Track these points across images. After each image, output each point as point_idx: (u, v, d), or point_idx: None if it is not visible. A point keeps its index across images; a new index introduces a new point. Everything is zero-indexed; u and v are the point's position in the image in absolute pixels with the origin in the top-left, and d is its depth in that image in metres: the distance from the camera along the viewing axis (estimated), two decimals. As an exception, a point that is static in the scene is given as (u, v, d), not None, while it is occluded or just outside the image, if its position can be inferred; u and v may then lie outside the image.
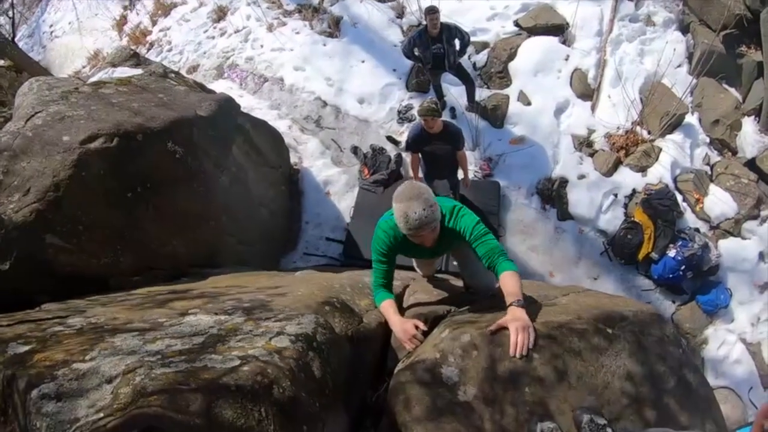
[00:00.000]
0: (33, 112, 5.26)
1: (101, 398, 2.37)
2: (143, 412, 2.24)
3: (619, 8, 9.80)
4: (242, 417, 2.29)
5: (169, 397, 2.27)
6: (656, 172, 8.29)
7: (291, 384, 2.54)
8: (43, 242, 4.45)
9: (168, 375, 2.45)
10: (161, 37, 12.51)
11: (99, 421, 2.22)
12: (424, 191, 3.30)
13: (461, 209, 3.68)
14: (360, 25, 10.66)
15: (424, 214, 3.22)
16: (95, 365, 2.58)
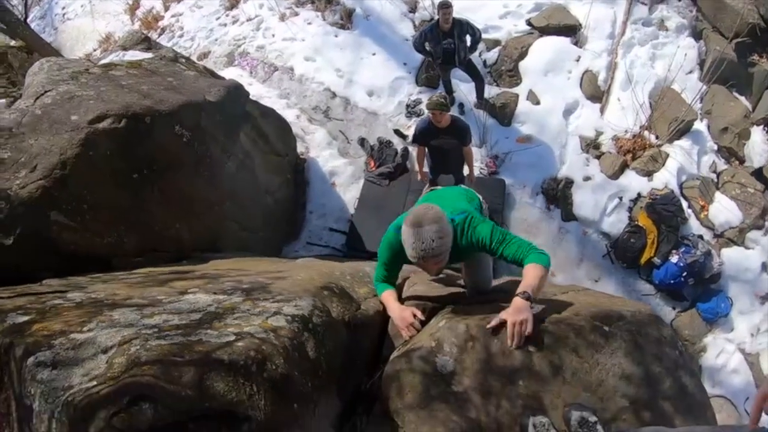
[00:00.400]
0: (42, 91, 5.29)
1: (96, 367, 2.39)
2: (136, 380, 2.26)
3: (633, 11, 9.78)
4: (233, 390, 2.30)
5: (163, 367, 2.29)
6: (662, 177, 8.29)
7: (284, 362, 2.56)
8: (48, 219, 4.47)
9: (163, 347, 2.47)
10: (173, 22, 12.51)
11: (92, 389, 2.24)
12: (438, 218, 3.07)
13: (472, 219, 3.44)
14: (372, 18, 10.66)
15: (432, 245, 3.02)
16: (92, 336, 2.61)
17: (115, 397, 2.18)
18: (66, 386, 2.31)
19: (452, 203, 3.68)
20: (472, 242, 3.37)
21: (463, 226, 3.39)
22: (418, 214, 3.08)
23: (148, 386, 2.21)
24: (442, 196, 4.08)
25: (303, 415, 2.51)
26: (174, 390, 2.20)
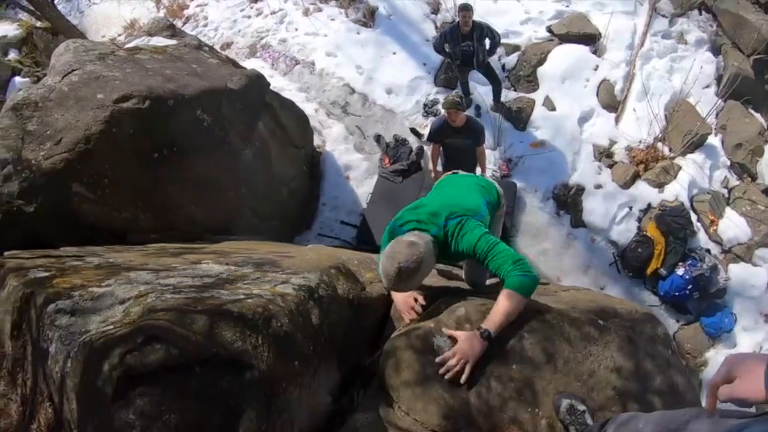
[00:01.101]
0: (70, 69, 5.44)
1: (113, 315, 2.53)
2: (150, 323, 2.38)
3: (653, 24, 9.82)
4: (240, 340, 2.42)
5: (176, 314, 2.42)
6: (673, 189, 8.31)
7: (289, 322, 2.66)
8: (69, 191, 4.61)
9: (177, 299, 2.60)
10: (198, 12, 12.64)
11: (108, 331, 2.37)
12: (409, 260, 2.95)
13: (462, 226, 3.34)
14: (395, 18, 10.75)
15: (394, 281, 2.97)
16: (110, 290, 2.74)
17: (129, 337, 2.31)
18: (83, 330, 2.44)
19: (458, 199, 3.65)
20: (459, 250, 3.34)
21: (453, 232, 3.34)
22: (393, 252, 3.00)
23: (162, 329, 2.34)
24: (457, 185, 4.10)
25: (303, 374, 2.60)
26: (185, 334, 2.32)
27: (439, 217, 3.38)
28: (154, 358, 2.23)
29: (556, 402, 2.80)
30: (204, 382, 2.19)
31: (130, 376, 2.17)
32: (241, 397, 2.21)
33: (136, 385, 2.15)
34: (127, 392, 2.14)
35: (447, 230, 3.34)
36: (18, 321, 2.85)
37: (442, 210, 3.43)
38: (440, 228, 3.34)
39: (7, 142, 4.58)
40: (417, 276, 3.03)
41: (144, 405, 2.10)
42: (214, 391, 2.19)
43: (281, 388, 2.40)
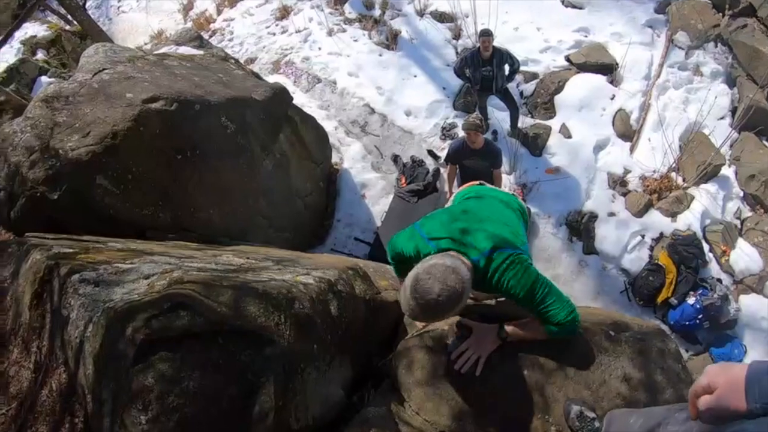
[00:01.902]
0: (101, 68, 5.60)
1: (137, 288, 2.59)
2: (178, 292, 2.45)
3: (670, 55, 9.90)
4: (263, 316, 2.47)
5: (203, 286, 2.48)
6: (686, 219, 8.31)
7: (310, 307, 2.70)
8: (94, 182, 4.73)
9: (203, 275, 2.67)
10: (224, 26, 12.83)
11: (133, 299, 2.45)
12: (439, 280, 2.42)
13: (513, 262, 2.78)
14: (417, 42, 10.89)
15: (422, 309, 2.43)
16: (135, 266, 2.82)
17: (156, 303, 2.38)
18: (107, 299, 2.51)
19: (502, 225, 3.08)
20: (501, 287, 2.81)
21: (500, 266, 2.78)
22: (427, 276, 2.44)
23: (188, 297, 2.41)
24: (492, 205, 3.47)
25: (320, 359, 2.64)
26: (211, 305, 2.38)
27: (479, 240, 2.84)
28: (179, 324, 2.29)
29: (566, 408, 2.80)
30: (225, 353, 2.24)
31: (153, 341, 2.23)
32: (260, 371, 2.25)
33: (158, 349, 2.20)
34: (148, 356, 2.19)
35: (492, 261, 2.80)
36: (39, 291, 2.92)
37: (484, 233, 2.90)
38: (483, 256, 2.80)
39: (36, 131, 4.73)
40: (451, 310, 2.49)
41: (164, 369, 2.16)
42: (235, 363, 2.24)
43: (299, 367, 2.44)
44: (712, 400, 1.43)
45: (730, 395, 1.39)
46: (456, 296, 2.41)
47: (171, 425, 2.08)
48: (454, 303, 2.43)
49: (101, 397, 2.29)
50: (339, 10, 12.00)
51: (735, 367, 1.43)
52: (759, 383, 1.36)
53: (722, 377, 1.42)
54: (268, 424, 2.16)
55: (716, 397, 1.42)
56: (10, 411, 2.73)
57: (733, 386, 1.39)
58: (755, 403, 1.34)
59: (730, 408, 1.38)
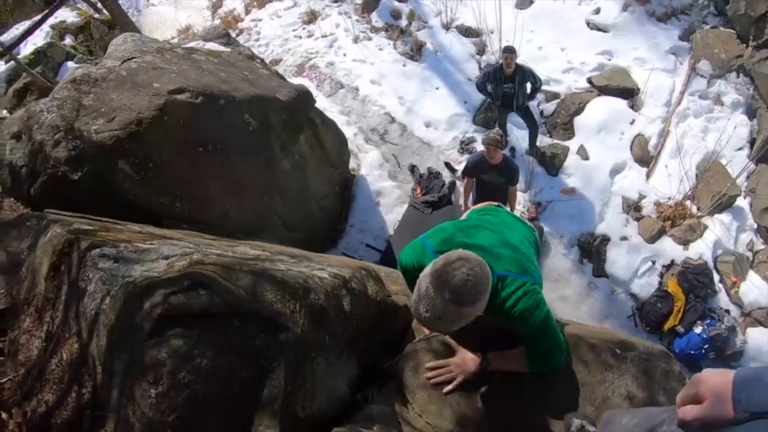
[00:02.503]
0: (129, 56, 5.69)
1: (157, 267, 2.63)
2: (198, 271, 2.49)
3: (691, 83, 9.91)
4: (280, 302, 2.49)
5: (223, 269, 2.51)
6: (698, 247, 8.30)
7: (325, 299, 2.71)
8: (115, 167, 4.82)
9: (223, 258, 2.71)
10: (252, 26, 12.94)
11: (154, 276, 2.49)
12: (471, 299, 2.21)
13: (528, 292, 2.60)
14: (441, 54, 10.96)
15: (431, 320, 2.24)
16: (155, 247, 2.85)
17: (176, 281, 2.42)
18: (126, 275, 2.55)
19: (521, 253, 2.89)
20: (506, 312, 2.62)
21: (515, 292, 2.60)
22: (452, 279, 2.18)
23: (208, 278, 2.44)
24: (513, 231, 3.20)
25: (330, 351, 2.65)
26: (229, 287, 2.41)
27: (493, 261, 2.61)
28: (197, 302, 2.32)
29: (568, 422, 2.78)
30: (240, 335, 2.27)
31: (171, 316, 2.27)
32: (272, 356, 2.27)
33: (174, 325, 2.24)
34: (164, 331, 2.23)
35: (506, 282, 2.61)
36: (57, 263, 2.96)
37: (499, 254, 2.73)
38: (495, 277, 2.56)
39: (62, 112, 4.82)
40: (472, 305, 2.24)
41: (179, 346, 2.19)
42: (248, 346, 2.27)
43: (310, 356, 2.45)
44: (699, 411, 1.41)
45: (718, 404, 1.38)
46: (483, 286, 2.23)
47: (180, 401, 2.10)
48: (479, 295, 2.23)
49: (112, 369, 2.32)
50: (366, 18, 12.09)
51: (721, 375, 1.42)
52: (746, 391, 1.36)
53: (709, 386, 1.41)
54: (276, 409, 2.18)
55: (703, 406, 1.40)
56: (17, 377, 2.77)
57: (720, 395, 1.37)
58: (743, 412, 1.34)
59: (718, 417, 1.37)
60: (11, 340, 3.02)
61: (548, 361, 2.79)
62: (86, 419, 2.43)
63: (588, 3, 11.31)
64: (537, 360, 2.77)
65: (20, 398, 2.67)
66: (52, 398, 2.56)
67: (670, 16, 10.89)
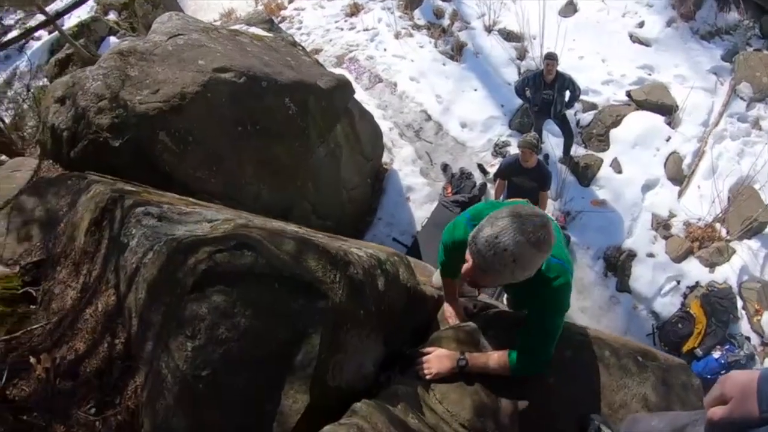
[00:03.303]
0: (176, 33, 5.78)
1: (200, 229, 2.67)
2: (244, 233, 2.52)
3: (731, 105, 9.84)
4: (321, 270, 2.51)
5: (268, 234, 2.54)
6: (724, 271, 8.23)
7: (363, 274, 2.73)
8: (156, 137, 4.88)
9: (267, 225, 2.74)
10: (294, 15, 13.03)
11: (199, 234, 2.52)
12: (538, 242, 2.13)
13: (560, 281, 2.52)
14: (481, 56, 10.96)
15: (486, 256, 2.16)
16: (198, 210, 2.91)
17: (222, 240, 2.46)
18: (169, 233, 2.59)
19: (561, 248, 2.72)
20: (532, 289, 2.55)
21: (549, 272, 2.53)
22: (518, 217, 2.14)
23: (255, 239, 2.47)
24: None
25: (363, 326, 2.68)
26: (274, 251, 2.44)
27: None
28: (242, 262, 2.35)
29: (586, 421, 2.79)
30: (280, 298, 2.29)
31: (215, 273, 2.30)
32: (309, 322, 2.29)
33: (216, 282, 2.27)
34: (205, 287, 2.26)
35: (550, 267, 2.53)
36: (99, 219, 3.04)
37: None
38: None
39: (107, 81, 4.89)
40: (544, 254, 2.22)
41: (219, 302, 2.22)
42: (287, 309, 2.29)
43: (345, 327, 2.47)
44: (726, 411, 1.41)
45: (743, 403, 1.38)
46: (548, 225, 2.15)
47: (215, 356, 2.13)
48: (548, 243, 2.17)
49: (149, 321, 2.36)
50: (409, 14, 12.11)
51: (747, 375, 1.42)
52: None
53: (735, 386, 1.41)
54: (308, 373, 2.19)
55: (730, 406, 1.41)
56: (48, 325, 2.82)
57: (745, 395, 1.38)
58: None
59: (744, 416, 1.38)
60: (45, 289, 3.08)
61: (532, 362, 2.76)
62: (116, 369, 2.48)
63: (632, 16, 11.30)
64: (522, 358, 2.75)
65: (50, 345, 2.72)
66: (83, 347, 2.61)
67: (714, 35, 10.84)
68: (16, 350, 2.77)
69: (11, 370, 2.67)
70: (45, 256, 3.32)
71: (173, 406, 2.12)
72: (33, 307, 3.02)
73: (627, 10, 11.35)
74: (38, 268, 3.25)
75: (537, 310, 2.66)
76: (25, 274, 3.20)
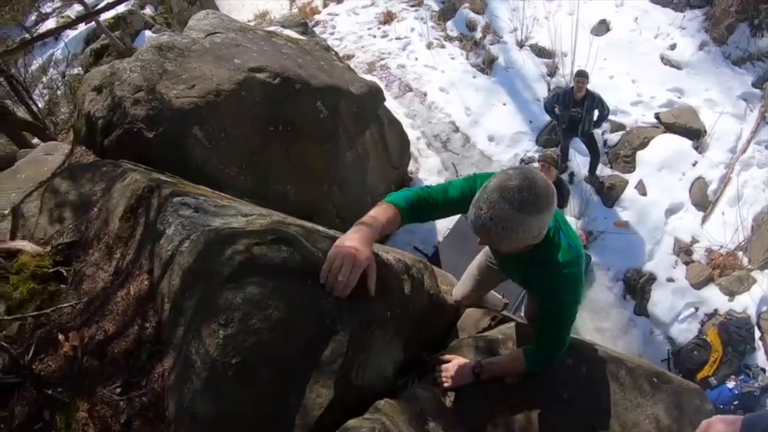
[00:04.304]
0: (214, 30, 5.89)
1: (235, 222, 2.72)
2: (282, 228, 2.56)
3: (759, 132, 9.81)
4: None
5: (305, 231, 2.57)
6: (743, 301, 8.18)
7: (391, 278, 2.77)
8: (189, 131, 4.95)
9: (302, 222, 2.78)
10: (328, 19, 13.17)
11: (236, 228, 2.58)
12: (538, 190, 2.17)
13: (572, 257, 2.53)
14: (512, 71, 11.02)
15: (483, 220, 2.24)
16: (233, 204, 2.96)
17: (260, 234, 2.50)
18: (205, 224, 2.65)
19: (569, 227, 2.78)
20: (541, 265, 2.60)
21: (558, 246, 2.55)
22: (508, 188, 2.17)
23: (291, 235, 2.52)
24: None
25: (387, 328, 2.70)
26: (309, 248, 2.47)
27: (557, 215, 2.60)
28: (278, 256, 2.39)
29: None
30: (312, 294, 2.31)
31: (251, 264, 2.34)
32: (338, 319, 2.31)
33: (252, 274, 2.31)
34: (241, 278, 2.30)
35: (562, 243, 2.57)
36: (135, 205, 3.10)
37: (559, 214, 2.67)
38: (557, 230, 2.60)
39: (145, 73, 4.96)
40: (539, 216, 2.22)
41: (254, 293, 2.25)
42: (318, 305, 2.31)
43: (372, 328, 2.50)
44: None
45: None
46: (544, 197, 2.19)
47: (246, 345, 2.16)
48: (547, 210, 2.22)
49: (182, 307, 2.41)
50: (441, 25, 12.22)
51: (730, 423, 1.44)
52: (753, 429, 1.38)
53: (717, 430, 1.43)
54: (335, 369, 2.21)
55: None
56: (78, 305, 2.87)
57: None
58: None
59: None
60: (76, 270, 3.13)
61: (547, 355, 2.81)
62: (144, 351, 2.52)
63: (664, 38, 11.31)
64: (539, 353, 2.80)
65: (79, 324, 2.76)
66: (113, 328, 2.65)
67: (746, 60, 10.80)
68: (45, 326, 2.83)
69: (39, 345, 2.73)
70: (77, 238, 3.37)
71: (200, 391, 2.15)
72: (63, 287, 3.06)
73: (660, 31, 11.37)
74: (70, 249, 3.30)
75: (550, 299, 2.67)
76: (57, 254, 3.26)
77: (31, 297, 2.96)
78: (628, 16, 11.77)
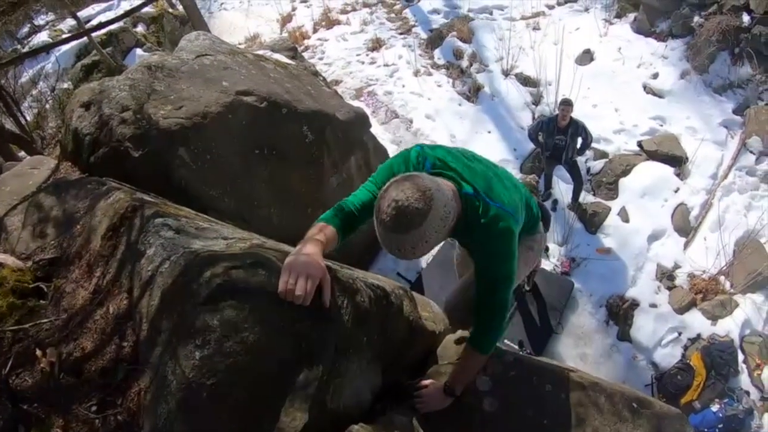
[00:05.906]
0: (204, 52, 5.99)
1: (215, 245, 2.76)
2: (260, 252, 2.63)
3: (740, 158, 9.89)
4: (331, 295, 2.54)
5: (282, 255, 2.60)
6: (726, 325, 8.21)
7: (369, 304, 2.81)
8: (175, 152, 5.03)
9: (280, 246, 2.83)
10: (317, 44, 13.32)
11: (217, 250, 2.62)
12: (409, 187, 2.25)
13: (503, 223, 2.61)
14: (497, 99, 11.12)
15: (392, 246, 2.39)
16: (215, 227, 3.01)
17: (238, 257, 2.55)
18: (186, 246, 2.70)
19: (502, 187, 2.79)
20: (477, 240, 2.69)
21: (487, 217, 2.60)
22: (400, 184, 2.28)
23: (269, 260, 2.57)
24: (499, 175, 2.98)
25: (364, 353, 2.76)
26: None
27: (479, 181, 2.66)
28: (256, 279, 2.43)
29: None
30: (288, 318, 2.36)
31: (229, 288, 2.38)
32: (314, 344, 2.36)
33: (229, 297, 2.34)
34: (218, 301, 2.33)
35: (484, 206, 2.61)
36: (117, 224, 3.15)
37: (484, 181, 2.69)
38: (477, 197, 2.62)
39: (134, 92, 5.06)
40: (421, 227, 2.25)
41: (231, 316, 2.29)
42: (293, 329, 2.36)
43: (348, 352, 2.55)
44: None
45: None
46: (424, 205, 2.22)
47: (222, 367, 2.19)
48: (427, 216, 2.24)
49: (160, 327, 2.45)
50: (429, 53, 12.36)
51: None
52: None
53: None
54: (309, 393, 2.25)
55: None
56: (57, 321, 2.91)
57: None
58: None
59: None
60: (56, 286, 3.17)
61: (489, 324, 2.85)
62: (122, 370, 2.55)
63: (647, 67, 11.46)
64: (479, 327, 2.90)
65: (57, 340, 2.79)
66: (90, 345, 2.69)
67: (727, 88, 10.90)
68: (23, 341, 2.85)
69: (16, 360, 2.75)
70: (59, 254, 3.40)
71: (175, 411, 2.18)
72: (43, 302, 3.09)
73: (642, 61, 11.52)
74: (51, 266, 3.33)
75: (482, 257, 2.76)
76: (38, 270, 3.29)
77: (10, 311, 2.98)
78: (612, 46, 11.95)
